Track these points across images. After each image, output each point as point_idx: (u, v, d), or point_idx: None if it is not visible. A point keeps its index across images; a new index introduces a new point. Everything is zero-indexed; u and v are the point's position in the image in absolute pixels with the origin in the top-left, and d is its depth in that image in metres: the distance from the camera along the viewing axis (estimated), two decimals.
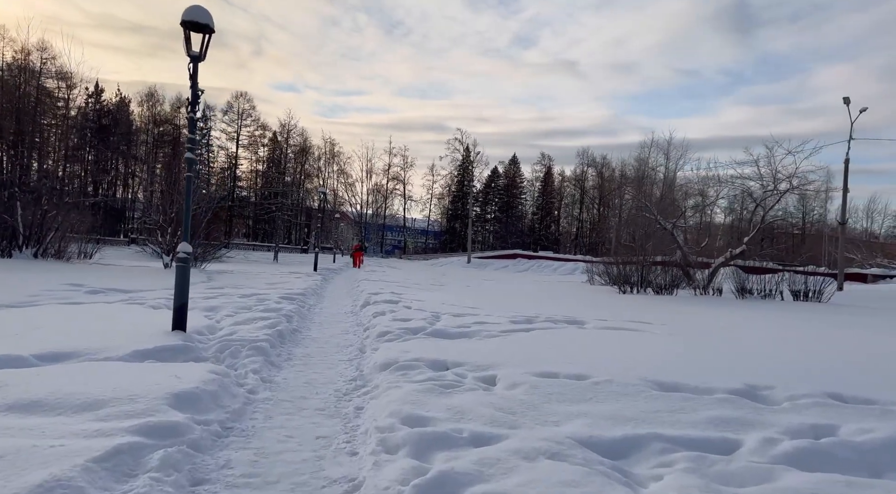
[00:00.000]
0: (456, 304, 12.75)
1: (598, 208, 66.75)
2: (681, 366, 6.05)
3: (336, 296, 15.52)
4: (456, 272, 35.08)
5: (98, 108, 58.81)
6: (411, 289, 17.44)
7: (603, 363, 6.01)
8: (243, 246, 55.11)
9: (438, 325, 9.01)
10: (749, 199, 28.95)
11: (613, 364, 5.99)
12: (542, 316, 10.51)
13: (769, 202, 28.71)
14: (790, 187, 27.66)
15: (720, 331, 9.84)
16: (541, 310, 12.02)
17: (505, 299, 15.82)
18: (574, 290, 23.46)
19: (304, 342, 8.08)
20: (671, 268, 25.60)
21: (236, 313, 9.48)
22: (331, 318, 10.84)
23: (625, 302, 17.27)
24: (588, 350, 6.86)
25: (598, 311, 12.94)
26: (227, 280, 17.62)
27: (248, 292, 12.88)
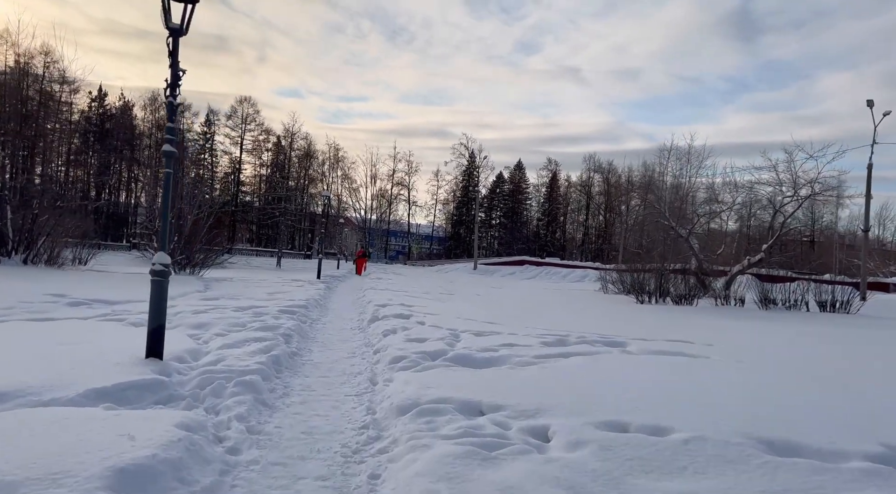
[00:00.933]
0: (473, 318, 11.47)
1: (605, 214, 65.42)
2: (779, 413, 4.74)
3: (341, 308, 14.24)
4: (463, 279, 33.79)
5: (101, 112, 57.78)
6: (421, 299, 16.17)
7: (680, 409, 4.72)
8: (246, 251, 53.90)
9: (460, 347, 7.73)
10: (768, 205, 27.65)
11: (693, 410, 4.69)
12: (573, 335, 9.22)
13: (789, 209, 27.44)
14: (812, 193, 26.37)
15: (783, 354, 8.52)
16: (568, 326, 10.74)
17: (523, 311, 14.54)
18: (590, 300, 22.15)
19: (304, 370, 6.79)
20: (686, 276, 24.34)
21: (228, 332, 8.20)
22: (335, 336, 9.56)
23: (649, 315, 15.96)
24: (650, 387, 5.56)
25: (629, 327, 11.64)
26: (225, 289, 16.36)
27: (244, 304, 11.61)
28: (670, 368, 6.56)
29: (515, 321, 11.43)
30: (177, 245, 19.78)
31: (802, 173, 26.51)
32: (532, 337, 8.78)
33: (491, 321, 11.24)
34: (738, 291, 23.70)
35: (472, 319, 11.34)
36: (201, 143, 61.44)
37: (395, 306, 13.01)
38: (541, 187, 68.86)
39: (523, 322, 11.34)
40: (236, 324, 8.82)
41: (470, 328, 9.69)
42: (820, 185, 26.00)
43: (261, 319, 9.55)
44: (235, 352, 6.69)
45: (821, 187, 25.93)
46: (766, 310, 21.44)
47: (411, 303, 14.00)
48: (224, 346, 7.09)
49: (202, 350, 6.89)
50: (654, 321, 13.98)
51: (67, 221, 25.06)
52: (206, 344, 7.36)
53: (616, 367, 6.48)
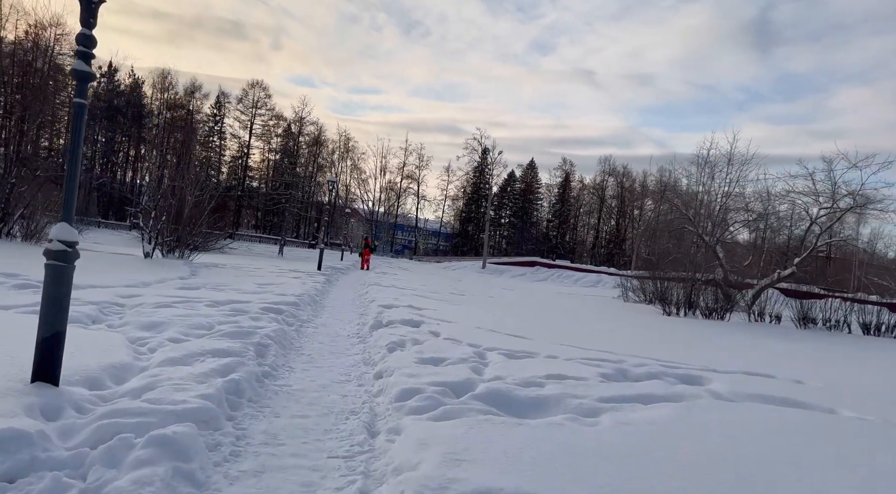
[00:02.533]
0: (495, 328, 9.39)
1: (617, 218, 63.15)
2: None
3: (339, 306, 12.16)
4: (472, 278, 31.68)
5: (111, 88, 55.82)
6: (430, 300, 14.10)
7: None
8: (249, 237, 51.94)
9: (490, 375, 5.66)
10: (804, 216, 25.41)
11: None
12: (628, 362, 7.13)
13: (826, 221, 25.22)
14: (853, 205, 24.13)
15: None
16: (612, 345, 8.65)
17: (549, 321, 12.45)
18: (613, 309, 20.04)
19: (275, 403, 4.71)
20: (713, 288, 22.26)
21: (185, 337, 6.16)
22: (327, 346, 7.47)
23: (687, 331, 13.84)
24: (805, 478, 3.47)
25: (681, 350, 9.56)
26: (212, 277, 14.33)
27: (224, 298, 9.57)
28: (798, 432, 4.45)
29: (546, 335, 9.35)
30: (165, 226, 17.74)
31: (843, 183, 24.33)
32: (580, 363, 6.69)
33: (518, 333, 9.16)
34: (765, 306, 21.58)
35: (495, 330, 9.25)
36: (210, 125, 59.44)
37: (402, 308, 10.93)
38: (553, 188, 66.63)
39: (556, 337, 9.25)
40: (201, 326, 6.75)
41: (496, 343, 7.61)
42: (862, 197, 23.81)
43: (236, 319, 7.49)
44: (180, 373, 4.63)
45: (863, 199, 23.72)
46: (804, 329, 19.37)
47: (420, 305, 11.92)
48: (169, 361, 5.03)
49: (134, 367, 4.83)
50: (700, 341, 11.88)
51: (55, 194, 23.13)
52: (146, 357, 5.31)
53: (725, 428, 4.37)
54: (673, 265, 26.96)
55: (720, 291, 22.20)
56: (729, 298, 21.80)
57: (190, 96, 58.37)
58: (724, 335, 13.68)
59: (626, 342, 9.86)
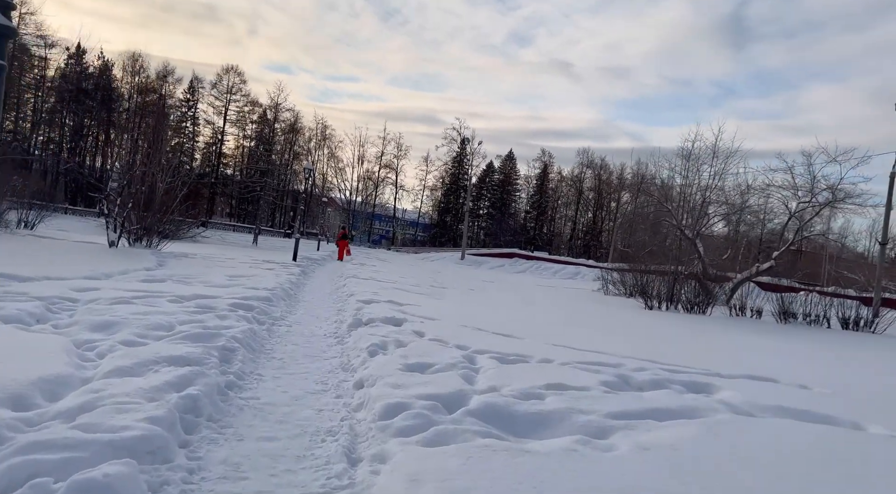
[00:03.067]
0: (482, 326, 8.79)
1: (595, 210, 63.06)
2: None
3: (315, 301, 11.46)
4: (451, 270, 31.11)
5: (79, 70, 53.68)
6: (411, 294, 13.47)
7: None
8: (223, 226, 50.61)
9: (483, 384, 5.06)
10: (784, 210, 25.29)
11: None
12: (627, 365, 6.61)
13: (806, 215, 25.15)
14: (832, 199, 24.07)
15: None
16: (605, 345, 8.12)
17: (534, 315, 11.91)
18: (595, 302, 19.63)
19: (238, 422, 4.05)
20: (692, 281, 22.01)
21: (140, 340, 5.44)
22: (301, 348, 6.80)
23: (674, 327, 13.45)
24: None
25: (674, 349, 9.10)
26: (179, 268, 13.50)
27: (190, 293, 8.81)
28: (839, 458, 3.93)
29: (534, 333, 8.79)
30: (130, 214, 16.79)
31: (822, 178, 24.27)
32: (578, 369, 6.13)
33: (505, 331, 8.58)
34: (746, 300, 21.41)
35: (482, 328, 8.66)
36: (183, 110, 57.66)
37: (383, 303, 10.29)
38: (531, 180, 66.26)
39: (545, 335, 8.71)
40: (161, 326, 6.03)
41: (485, 345, 7.02)
42: (841, 191, 23.74)
43: (200, 318, 6.76)
44: (128, 386, 3.94)
45: (843, 194, 23.66)
46: (784, 324, 19.20)
47: (401, 300, 11.28)
48: (117, 371, 4.32)
49: (75, 380, 4.12)
50: (690, 338, 11.47)
51: (14, 179, 21.91)
52: (92, 365, 4.60)
53: (758, 452, 3.83)
54: (650, 258, 26.78)
55: (699, 284, 21.99)
56: (709, 291, 21.56)
57: (162, 81, 56.55)
58: (711, 332, 13.31)
59: (616, 340, 9.36)
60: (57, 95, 52.42)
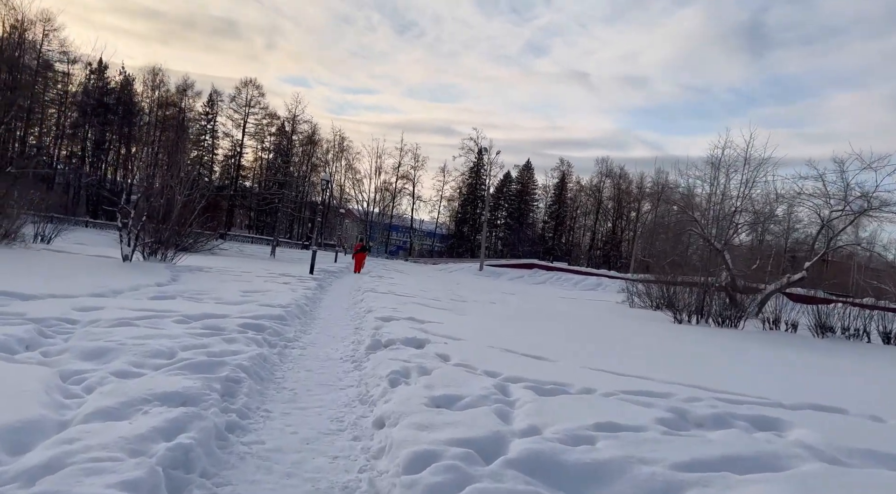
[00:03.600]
0: (510, 346, 8.08)
1: (614, 220, 61.98)
2: None
3: (331, 319, 10.83)
4: (470, 281, 30.39)
5: (101, 85, 54.15)
6: (432, 309, 12.81)
7: None
8: (241, 238, 50.49)
9: (522, 423, 4.36)
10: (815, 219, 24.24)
11: None
12: (678, 395, 5.86)
13: (838, 224, 24.10)
14: (867, 208, 22.99)
15: None
16: (643, 367, 7.38)
17: (562, 332, 11.14)
18: (622, 316, 18.79)
19: (236, 478, 3.37)
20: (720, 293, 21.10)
21: (136, 369, 4.84)
22: (315, 375, 6.15)
23: (711, 344, 12.61)
24: None
25: (717, 371, 8.30)
26: (192, 283, 13.00)
27: (199, 311, 8.22)
28: None
29: (567, 354, 8.07)
30: (145, 227, 16.38)
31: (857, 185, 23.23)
32: (625, 401, 5.40)
33: (535, 353, 7.86)
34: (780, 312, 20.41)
35: (510, 349, 7.96)
36: (202, 123, 57.89)
37: (402, 321, 9.63)
38: (549, 189, 65.42)
39: (579, 357, 7.99)
40: (160, 353, 5.42)
41: (517, 370, 6.32)
42: (877, 199, 22.66)
43: (206, 342, 6.15)
44: (110, 434, 3.31)
45: (878, 201, 22.57)
46: (822, 338, 18.21)
47: (422, 316, 10.61)
48: (100, 413, 3.70)
49: (49, 425, 3.50)
50: (729, 355, 10.63)
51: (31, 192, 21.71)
52: (75, 403, 3.99)
53: None
54: (672, 269, 25.88)
55: (728, 296, 21.08)
56: (738, 304, 20.64)
57: (182, 94, 56.83)
58: (750, 348, 12.44)
59: (655, 361, 8.60)
60: (79, 109, 52.86)
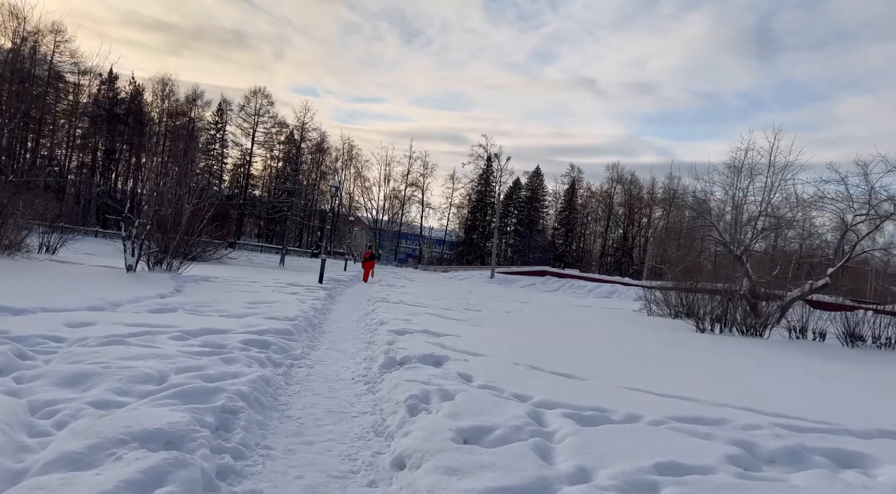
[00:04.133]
0: (536, 363, 7.36)
1: (626, 226, 61.07)
2: None
3: (341, 332, 10.16)
4: (482, 290, 29.66)
5: (111, 95, 54.08)
6: (446, 320, 12.11)
7: None
8: (251, 247, 50.04)
9: (567, 463, 3.66)
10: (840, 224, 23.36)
11: None
12: (733, 421, 5.14)
13: (863, 228, 23.24)
14: (894, 212, 22.13)
15: None
16: (683, 385, 6.64)
17: (586, 345, 10.40)
18: (643, 326, 18.00)
19: None
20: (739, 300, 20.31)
21: (119, 398, 4.18)
22: (323, 400, 5.46)
23: (744, 355, 11.82)
24: None
25: (762, 388, 7.54)
26: (197, 294, 12.39)
27: (199, 326, 7.57)
28: None
29: (598, 371, 7.35)
30: (150, 236, 15.83)
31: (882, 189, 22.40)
32: (680, 431, 4.68)
33: (565, 370, 7.15)
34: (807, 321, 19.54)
35: (537, 366, 7.24)
36: (212, 132, 57.66)
37: (417, 334, 8.94)
38: (559, 195, 64.65)
39: (612, 374, 7.27)
40: (148, 377, 4.76)
41: (549, 392, 5.61)
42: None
43: (202, 363, 5.48)
44: (68, 490, 2.65)
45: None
46: (851, 347, 17.37)
47: (437, 328, 9.92)
48: (64, 459, 3.04)
49: (1, 475, 2.85)
50: (766, 368, 9.86)
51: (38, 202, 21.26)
52: (40, 442, 3.33)
53: None
54: (685, 275, 25.05)
55: (748, 304, 20.27)
56: (758, 312, 19.81)
57: (191, 104, 56.65)
58: (784, 360, 11.66)
59: (692, 377, 7.86)
60: (90, 119, 52.80)
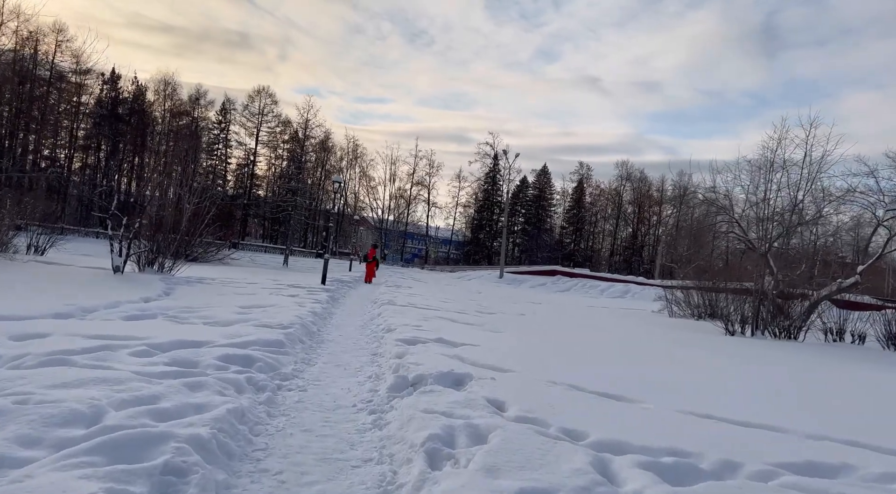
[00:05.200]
0: (576, 381, 6.05)
1: (636, 224, 59.58)
2: None
3: (343, 340, 8.85)
4: (492, 290, 28.32)
5: (114, 95, 53.02)
6: (461, 325, 10.81)
7: None
8: (254, 247, 48.86)
9: None
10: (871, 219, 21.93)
11: None
12: (862, 466, 3.82)
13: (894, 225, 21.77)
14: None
15: None
16: (753, 407, 5.32)
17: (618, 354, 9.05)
18: (669, 327, 16.63)
19: None
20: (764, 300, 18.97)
21: (10, 455, 2.89)
22: (315, 441, 4.13)
23: (786, 361, 10.45)
24: None
25: (840, 404, 6.20)
26: (186, 298, 11.14)
27: (173, 338, 6.28)
28: None
29: (649, 391, 6.03)
30: (140, 235, 14.61)
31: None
32: (800, 490, 3.37)
33: (611, 390, 5.82)
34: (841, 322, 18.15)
35: (576, 386, 5.93)
36: (215, 133, 56.52)
37: (431, 345, 7.63)
38: (567, 194, 63.24)
39: (666, 393, 5.95)
40: (76, 416, 3.47)
41: (607, 426, 4.30)
42: None
43: (161, 389, 4.18)
44: None
45: None
46: (894, 350, 16.01)
47: (452, 336, 8.61)
48: None
49: None
50: (824, 379, 8.50)
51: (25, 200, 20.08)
52: None
53: None
54: (695, 274, 23.70)
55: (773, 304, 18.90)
56: (785, 312, 18.45)
57: (194, 103, 55.53)
58: (836, 368, 10.30)
59: (759, 393, 6.52)
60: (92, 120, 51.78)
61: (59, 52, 50.23)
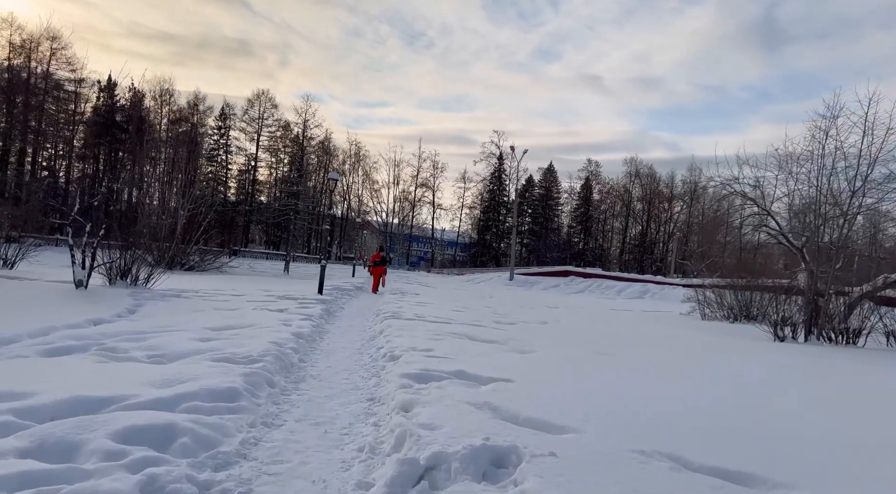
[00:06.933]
0: (674, 448, 3.93)
1: (646, 222, 57.30)
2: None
3: (331, 376, 6.70)
4: (503, 293, 26.17)
5: (111, 102, 51.20)
6: (480, 343, 8.68)
7: None
8: (257, 254, 46.87)
9: None
10: None
11: None
12: None
13: None
14: None
15: None
16: (860, 451, 3.19)
17: (681, 377, 6.90)
18: (709, 335, 14.42)
19: None
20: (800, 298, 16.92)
21: None
22: None
23: (869, 375, 8.25)
24: None
25: None
26: (151, 317, 9.07)
27: (68, 394, 4.18)
28: None
29: (778, 453, 3.91)
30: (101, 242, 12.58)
31: None
32: None
33: (733, 463, 3.70)
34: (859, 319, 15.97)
35: (680, 456, 3.79)
36: (215, 138, 54.60)
37: (449, 384, 5.50)
38: (574, 192, 61.04)
39: (804, 462, 3.82)
40: None
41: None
42: None
43: None
44: None
45: None
46: None
47: (475, 366, 6.48)
48: None
49: None
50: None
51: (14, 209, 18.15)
52: None
53: None
54: (709, 271, 21.56)
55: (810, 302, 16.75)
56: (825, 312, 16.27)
57: (193, 109, 53.65)
58: None
59: (858, 435, 4.38)
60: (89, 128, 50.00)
61: (55, 61, 48.50)
